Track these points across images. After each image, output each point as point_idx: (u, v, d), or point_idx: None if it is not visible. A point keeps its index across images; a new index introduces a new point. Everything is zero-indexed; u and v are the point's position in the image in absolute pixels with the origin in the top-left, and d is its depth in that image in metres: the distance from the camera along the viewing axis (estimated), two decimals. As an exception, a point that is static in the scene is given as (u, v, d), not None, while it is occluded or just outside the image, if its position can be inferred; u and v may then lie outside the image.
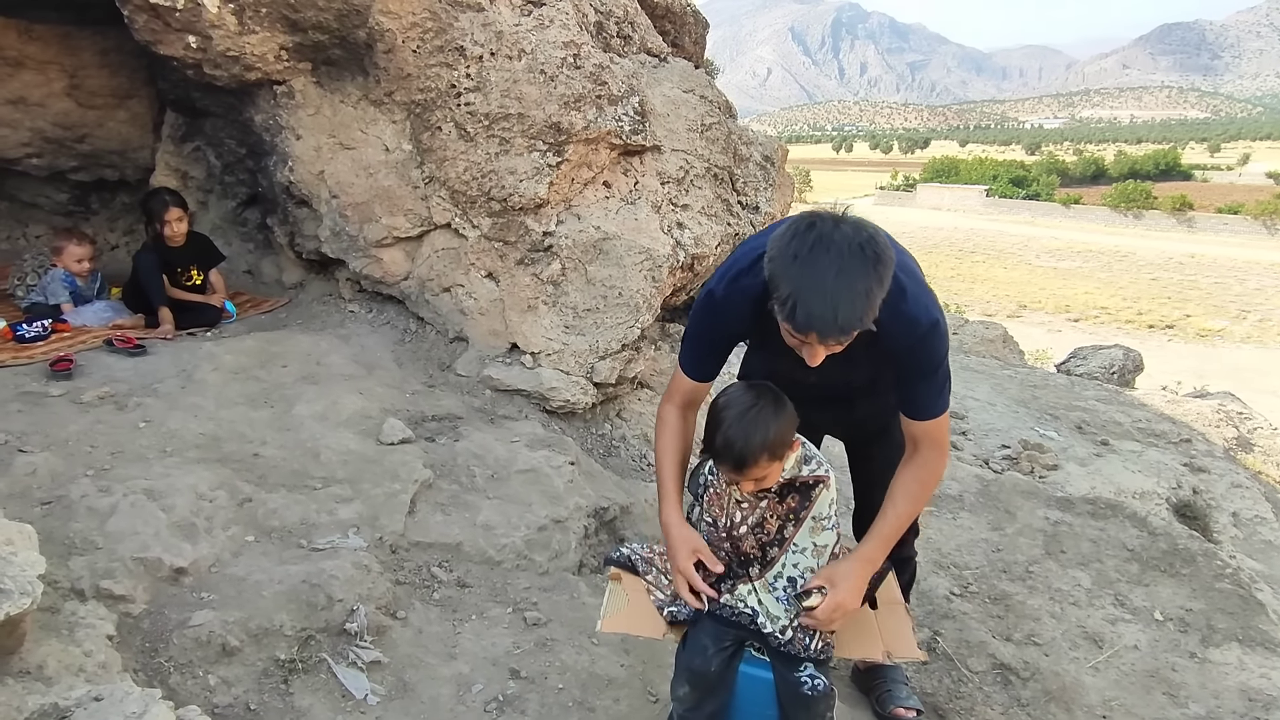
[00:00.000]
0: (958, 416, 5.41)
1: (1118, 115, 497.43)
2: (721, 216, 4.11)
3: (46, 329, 3.44)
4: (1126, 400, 6.26)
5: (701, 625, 1.67)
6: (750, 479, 1.54)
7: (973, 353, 7.91)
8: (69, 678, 1.59)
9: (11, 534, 1.61)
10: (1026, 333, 17.11)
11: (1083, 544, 3.17)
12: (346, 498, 2.58)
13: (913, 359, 1.58)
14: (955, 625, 2.62)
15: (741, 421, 1.49)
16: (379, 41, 3.47)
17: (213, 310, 3.96)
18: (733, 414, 1.50)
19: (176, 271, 3.97)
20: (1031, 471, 4.44)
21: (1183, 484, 4.59)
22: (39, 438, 2.53)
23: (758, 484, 1.55)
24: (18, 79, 4.12)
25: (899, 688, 2.16)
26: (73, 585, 1.94)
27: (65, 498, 2.22)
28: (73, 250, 3.88)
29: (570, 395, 3.43)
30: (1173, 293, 35.79)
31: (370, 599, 2.18)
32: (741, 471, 1.51)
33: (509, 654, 2.17)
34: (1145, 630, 2.64)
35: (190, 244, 4.03)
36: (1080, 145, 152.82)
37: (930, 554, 3.09)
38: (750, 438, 1.47)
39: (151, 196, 4.04)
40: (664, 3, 5.04)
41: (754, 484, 1.55)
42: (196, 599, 2.06)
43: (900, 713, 2.10)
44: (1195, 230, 52.89)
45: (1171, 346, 27.13)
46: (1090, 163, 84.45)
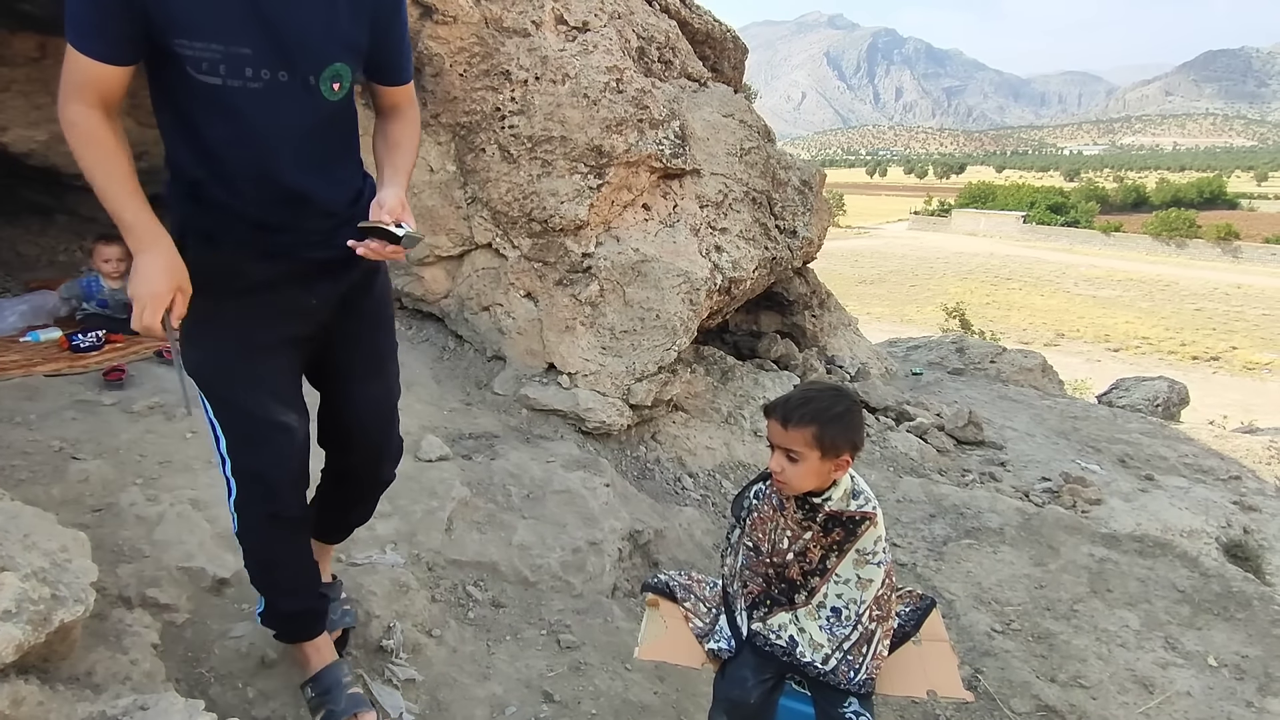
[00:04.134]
0: (995, 446, 5.31)
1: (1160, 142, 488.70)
2: (759, 240, 4.11)
3: (100, 339, 3.54)
4: (1172, 434, 6.09)
5: (741, 656, 1.65)
6: (787, 447, 1.51)
7: (1010, 381, 7.77)
8: (116, 685, 1.61)
9: (67, 541, 1.65)
10: (1065, 362, 16.77)
11: (1130, 583, 3.07)
12: (385, 513, 2.60)
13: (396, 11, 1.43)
14: (997, 664, 2.55)
15: (807, 390, 1.56)
16: (427, 65, 3.55)
17: None
18: (807, 386, 1.63)
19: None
20: (1074, 506, 4.33)
21: (1233, 523, 4.44)
22: (92, 445, 2.60)
23: (788, 470, 1.51)
24: (82, 98, 4.28)
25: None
26: (120, 593, 1.98)
27: (115, 505, 2.27)
28: (101, 250, 3.92)
29: (606, 416, 3.44)
30: (1218, 324, 34.84)
31: (407, 616, 2.19)
32: (786, 428, 1.51)
33: (542, 676, 2.16)
34: (1199, 676, 2.54)
35: None
36: (1121, 172, 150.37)
37: (970, 588, 3.02)
38: (807, 404, 1.51)
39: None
40: (704, 28, 5.10)
41: (785, 462, 1.52)
42: (238, 610, 2.08)
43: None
44: (1241, 260, 51.56)
45: (1217, 379, 26.36)
46: (1131, 190, 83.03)
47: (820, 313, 5.81)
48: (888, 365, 6.68)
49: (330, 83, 1.34)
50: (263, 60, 1.25)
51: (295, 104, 1.32)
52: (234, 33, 1.22)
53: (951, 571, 3.13)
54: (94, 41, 1.20)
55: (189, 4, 1.18)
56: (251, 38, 1.23)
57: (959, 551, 3.31)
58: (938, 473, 4.64)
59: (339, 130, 1.45)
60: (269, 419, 1.52)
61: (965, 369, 8.10)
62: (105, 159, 1.29)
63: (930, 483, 4.18)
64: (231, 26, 1.21)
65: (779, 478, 1.54)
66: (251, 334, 1.50)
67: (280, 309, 1.52)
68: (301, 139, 1.37)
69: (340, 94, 1.38)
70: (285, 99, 1.31)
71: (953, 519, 3.65)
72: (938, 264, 48.66)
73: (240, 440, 1.54)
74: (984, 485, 4.62)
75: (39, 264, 5.01)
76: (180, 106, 1.31)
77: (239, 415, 1.52)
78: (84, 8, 1.18)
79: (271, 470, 1.57)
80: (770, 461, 1.56)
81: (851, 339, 6.24)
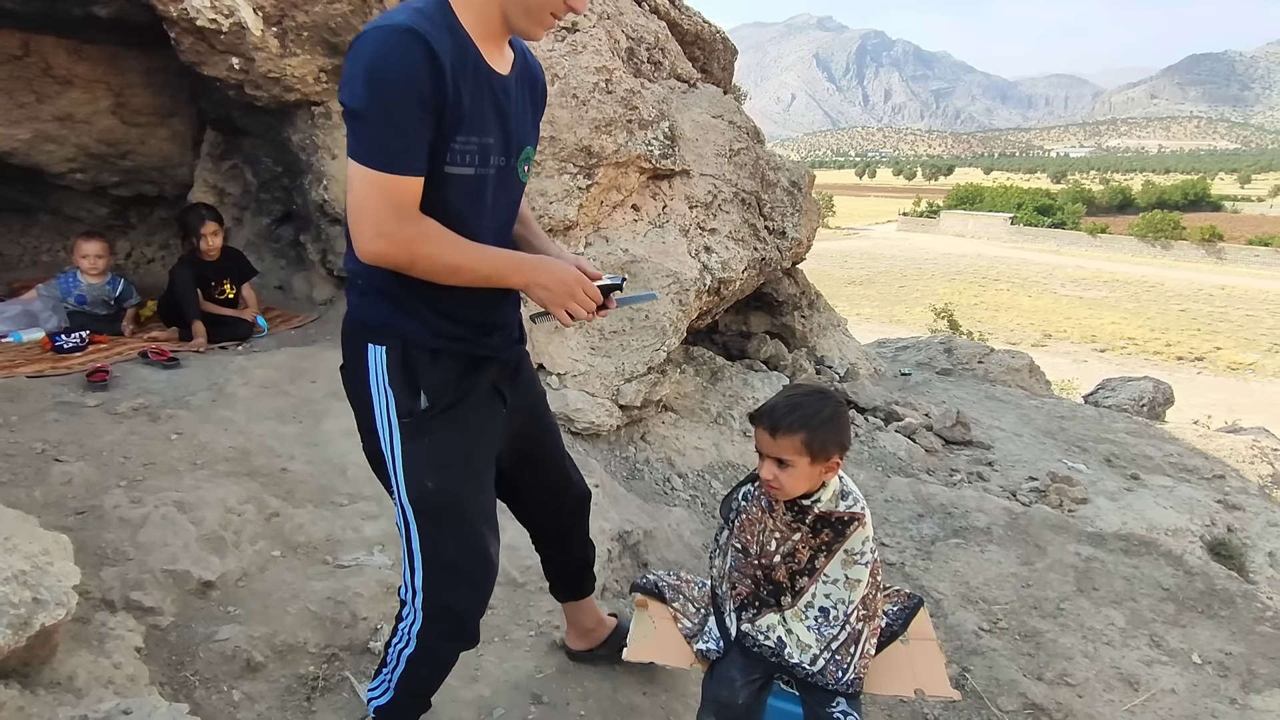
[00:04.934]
0: (983, 446, 5.34)
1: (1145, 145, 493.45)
2: (749, 241, 4.12)
3: (84, 340, 3.51)
4: (1157, 434, 6.14)
5: (730, 657, 1.65)
6: (776, 456, 1.51)
7: (998, 382, 7.82)
8: (98, 689, 1.59)
9: (48, 544, 1.63)
10: (1051, 362, 16.90)
11: (1116, 581, 3.10)
12: (372, 515, 2.59)
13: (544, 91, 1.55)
14: (985, 662, 2.56)
15: (792, 397, 1.55)
16: (415, 65, 3.53)
17: (244, 325, 4.02)
18: (791, 391, 1.58)
19: (210, 285, 4.04)
20: (1060, 505, 4.36)
21: (1217, 521, 4.48)
22: (75, 447, 2.57)
23: (779, 477, 1.51)
24: (66, 97, 4.24)
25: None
26: (103, 596, 1.96)
27: (99, 507, 2.25)
28: (80, 246, 3.89)
29: (595, 417, 3.43)
30: (1202, 325, 35.20)
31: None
32: (774, 437, 1.50)
33: (531, 678, 2.16)
34: (1183, 673, 2.56)
35: (225, 258, 4.11)
36: (1107, 174, 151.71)
37: (958, 587, 3.03)
38: (794, 411, 1.51)
39: (189, 211, 4.14)
40: (693, 30, 5.10)
41: (776, 470, 1.52)
42: (223, 613, 2.07)
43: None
44: (1225, 262, 52.13)
45: (1201, 379, 26.63)
46: (1117, 192, 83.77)
47: (809, 313, 5.83)
48: (876, 366, 6.70)
49: (524, 165, 1.46)
50: (499, 148, 1.36)
51: (502, 186, 1.41)
52: (486, 126, 1.33)
53: (939, 571, 3.15)
54: (413, 161, 1.24)
55: (469, 105, 1.28)
56: (495, 129, 1.35)
57: (947, 551, 3.32)
58: (926, 472, 4.66)
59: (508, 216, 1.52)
60: (482, 552, 1.51)
61: (953, 369, 8.14)
62: (456, 243, 1.31)
63: (918, 482, 4.19)
64: (487, 122, 1.33)
65: (772, 485, 1.55)
66: (474, 454, 1.50)
67: (490, 422, 1.53)
68: (502, 225, 1.48)
69: (525, 178, 1.50)
70: (499, 183, 1.40)
71: (941, 518, 3.66)
72: (926, 265, 48.93)
73: (445, 573, 1.50)
74: (972, 485, 4.65)
75: (21, 264, 4.96)
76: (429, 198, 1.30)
77: (453, 547, 1.49)
78: (394, 136, 1.21)
79: (469, 608, 1.55)
80: (760, 470, 1.56)
81: (840, 339, 6.27)
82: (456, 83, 1.24)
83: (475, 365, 1.47)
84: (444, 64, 1.21)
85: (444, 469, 1.45)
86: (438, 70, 1.21)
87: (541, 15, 1.31)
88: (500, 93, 1.34)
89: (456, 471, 1.46)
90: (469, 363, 1.45)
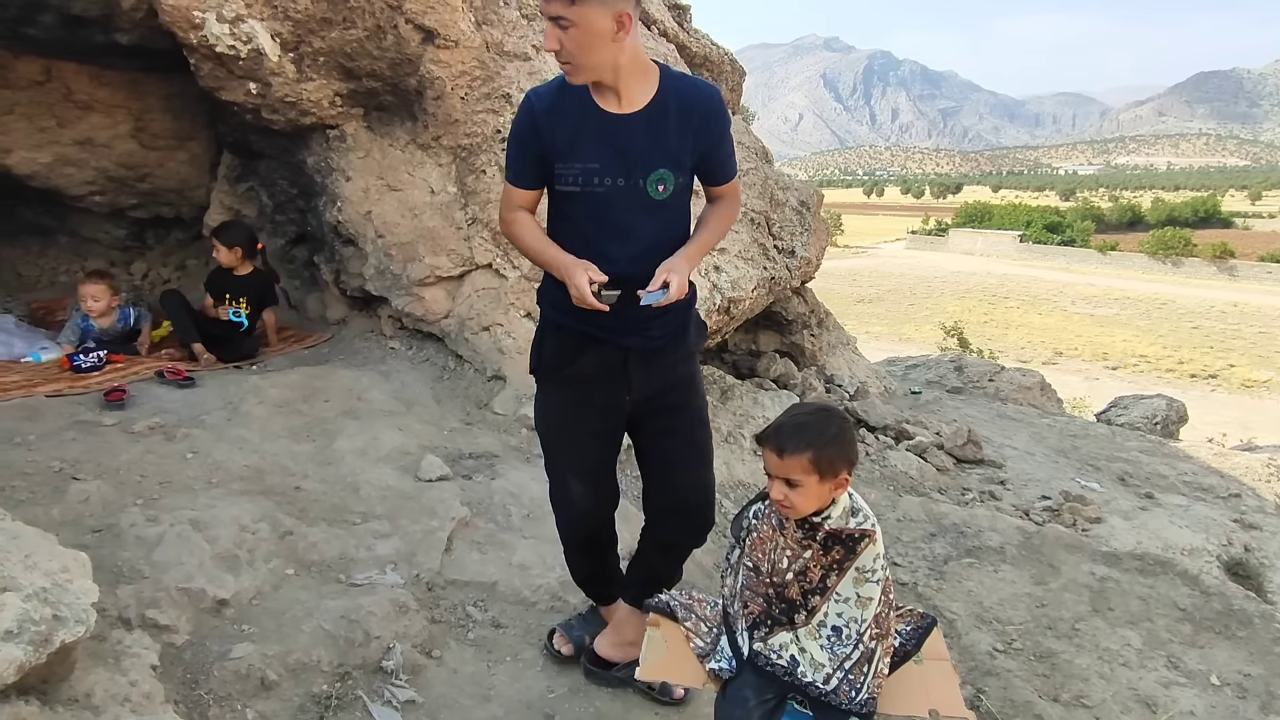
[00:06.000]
0: (995, 465, 5.31)
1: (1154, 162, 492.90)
2: (758, 261, 4.14)
3: (102, 360, 3.56)
4: (1171, 452, 6.09)
5: (743, 676, 1.65)
6: (785, 476, 1.52)
7: (1009, 400, 7.78)
8: (115, 707, 1.60)
9: (68, 561, 1.65)
10: (1063, 380, 16.80)
11: (1131, 602, 3.06)
12: (385, 533, 2.60)
13: (718, 120, 1.81)
14: (999, 683, 2.54)
15: (796, 417, 1.57)
16: (429, 89, 3.59)
17: (250, 342, 4.07)
18: (796, 411, 1.60)
19: (225, 297, 4.12)
20: (1074, 524, 4.33)
21: (1233, 541, 4.43)
22: (92, 466, 2.60)
23: (790, 496, 1.52)
24: (86, 121, 4.33)
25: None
26: (120, 613, 1.97)
27: (115, 526, 2.27)
28: (83, 290, 3.92)
29: (605, 435, 3.44)
30: (1215, 342, 34.94)
31: (406, 637, 2.18)
32: (781, 458, 1.51)
33: (542, 698, 2.15)
34: (1201, 695, 2.52)
35: (252, 279, 4.17)
36: (1116, 192, 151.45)
37: (971, 607, 3.01)
38: (800, 432, 1.52)
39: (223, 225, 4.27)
40: (702, 52, 5.17)
41: (786, 490, 1.53)
42: (237, 631, 2.08)
43: None
44: (1238, 278, 51.81)
45: (1215, 397, 26.39)
46: (1127, 209, 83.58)
47: (819, 332, 5.84)
48: (886, 384, 6.69)
49: (656, 184, 1.77)
50: (608, 171, 1.75)
51: (625, 201, 1.77)
52: (590, 154, 1.75)
53: (953, 590, 3.12)
54: (517, 177, 1.84)
55: (568, 145, 1.75)
56: (600, 156, 1.75)
57: (960, 570, 3.30)
58: (937, 491, 4.64)
59: (667, 227, 1.84)
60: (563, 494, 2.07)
61: (964, 387, 8.11)
62: (528, 231, 1.86)
63: (930, 501, 4.17)
64: (590, 151, 1.75)
65: (783, 505, 1.55)
66: (569, 414, 1.97)
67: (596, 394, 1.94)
68: (630, 231, 1.79)
69: (665, 194, 1.78)
70: (619, 198, 1.76)
71: (953, 538, 3.64)
72: (935, 283, 48.85)
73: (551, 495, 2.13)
74: (984, 504, 4.62)
75: (39, 284, 5.04)
76: (555, 208, 1.86)
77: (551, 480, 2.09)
78: (511, 158, 1.84)
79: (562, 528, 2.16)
80: (770, 490, 1.57)
81: (850, 358, 6.26)
82: (552, 126, 1.74)
83: (588, 343, 1.87)
84: (538, 116, 1.75)
85: (545, 419, 2.03)
86: (533, 121, 1.76)
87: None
88: (610, 127, 1.74)
89: (553, 423, 2.01)
90: (582, 340, 1.87)
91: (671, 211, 1.84)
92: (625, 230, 1.79)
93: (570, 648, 2.23)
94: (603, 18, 1.62)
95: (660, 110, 1.76)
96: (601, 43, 1.65)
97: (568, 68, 1.70)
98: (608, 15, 1.63)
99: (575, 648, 2.23)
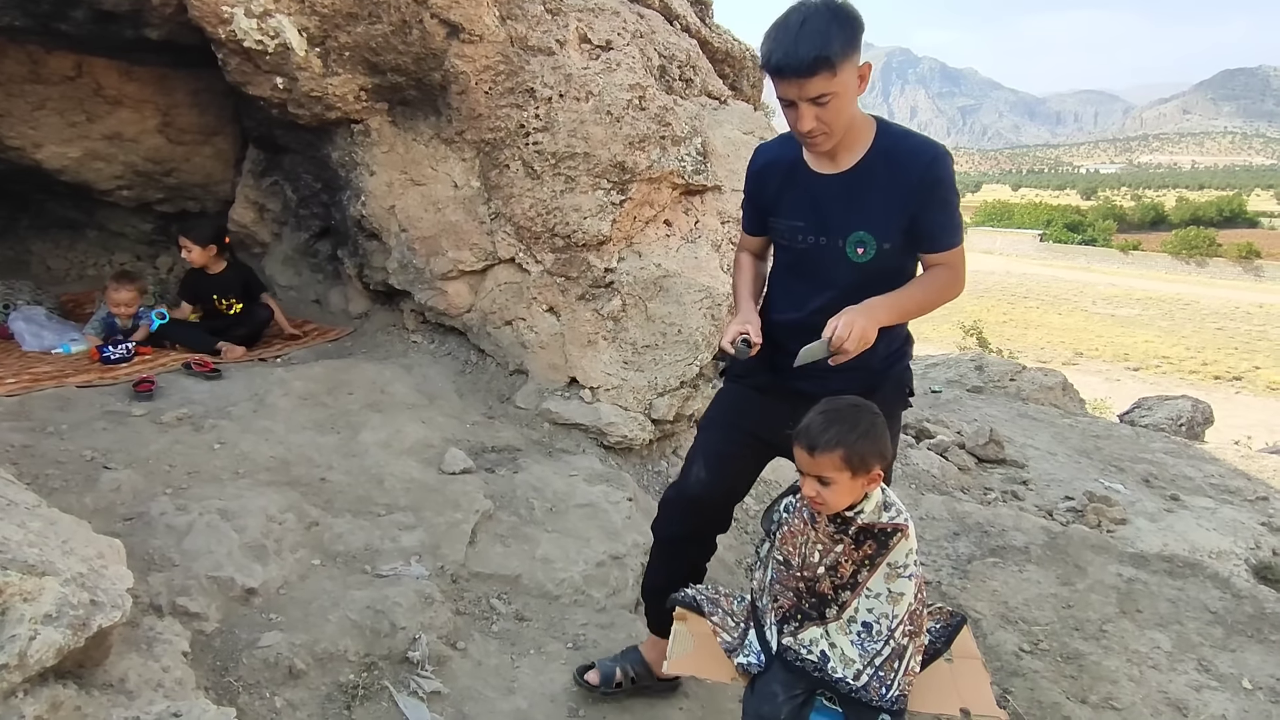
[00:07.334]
0: (1017, 465, 5.26)
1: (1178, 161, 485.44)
2: (780, 256, 4.11)
3: (130, 351, 3.60)
4: (1196, 454, 6.00)
5: (771, 672, 1.64)
6: (817, 474, 1.51)
7: (1030, 400, 7.70)
8: (148, 692, 1.62)
9: (103, 548, 1.67)
10: (1084, 381, 16.58)
11: (1160, 604, 3.02)
12: (409, 525, 2.61)
13: (935, 186, 1.71)
14: (1026, 684, 2.51)
15: (827, 413, 1.53)
16: (453, 83, 3.60)
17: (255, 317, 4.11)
18: (824, 405, 1.56)
19: (213, 299, 4.12)
20: (1099, 525, 4.28)
21: (1261, 544, 4.36)
22: (122, 455, 2.63)
23: (822, 493, 1.51)
24: (115, 116, 4.38)
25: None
26: (151, 601, 2.00)
27: (146, 514, 2.29)
28: (112, 295, 3.95)
29: (628, 431, 3.44)
30: (1240, 343, 34.37)
31: (432, 628, 2.19)
32: (813, 455, 1.50)
33: (566, 691, 2.16)
34: (1233, 699, 2.49)
35: (231, 273, 4.15)
36: (1139, 191, 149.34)
37: (996, 607, 2.98)
38: (830, 429, 1.50)
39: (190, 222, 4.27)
40: (723, 47, 5.14)
41: (818, 487, 1.52)
42: (265, 620, 2.09)
43: None
44: (1263, 279, 50.94)
45: (1240, 399, 25.97)
46: (1149, 208, 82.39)
47: (839, 329, 5.79)
48: (907, 382, 6.63)
49: (855, 246, 1.76)
50: (810, 230, 1.80)
51: (826, 259, 1.80)
52: (794, 213, 1.83)
53: (977, 590, 3.10)
54: (746, 222, 2.02)
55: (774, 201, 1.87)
56: (803, 215, 1.81)
57: (984, 570, 3.27)
58: (960, 490, 4.60)
59: (868, 288, 1.75)
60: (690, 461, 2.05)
61: (985, 387, 8.04)
62: (740, 272, 2.02)
63: (953, 500, 4.14)
64: (794, 209, 1.83)
65: (815, 502, 1.54)
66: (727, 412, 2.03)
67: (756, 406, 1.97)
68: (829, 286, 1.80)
69: (865, 257, 1.76)
70: (820, 256, 1.80)
71: (977, 537, 3.61)
72: (953, 282, 48.27)
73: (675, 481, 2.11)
74: (1007, 503, 4.57)
75: (68, 278, 5.10)
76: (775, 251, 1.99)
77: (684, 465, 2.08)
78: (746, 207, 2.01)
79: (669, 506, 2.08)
80: (803, 487, 1.56)
81: (870, 356, 6.21)
82: (764, 182, 1.88)
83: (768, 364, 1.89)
84: (759, 170, 1.89)
85: (710, 407, 2.11)
86: (756, 174, 1.91)
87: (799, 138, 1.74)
88: (815, 188, 1.78)
89: (711, 409, 2.08)
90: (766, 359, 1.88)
91: (876, 273, 1.76)
92: (824, 285, 1.81)
93: (598, 678, 2.14)
94: (853, 76, 1.61)
95: (866, 172, 1.73)
96: (853, 104, 1.65)
97: (822, 139, 1.67)
98: (854, 72, 1.61)
99: (604, 679, 2.13)
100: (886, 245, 1.74)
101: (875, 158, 1.73)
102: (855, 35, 1.59)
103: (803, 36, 1.55)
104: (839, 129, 1.66)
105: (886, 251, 1.74)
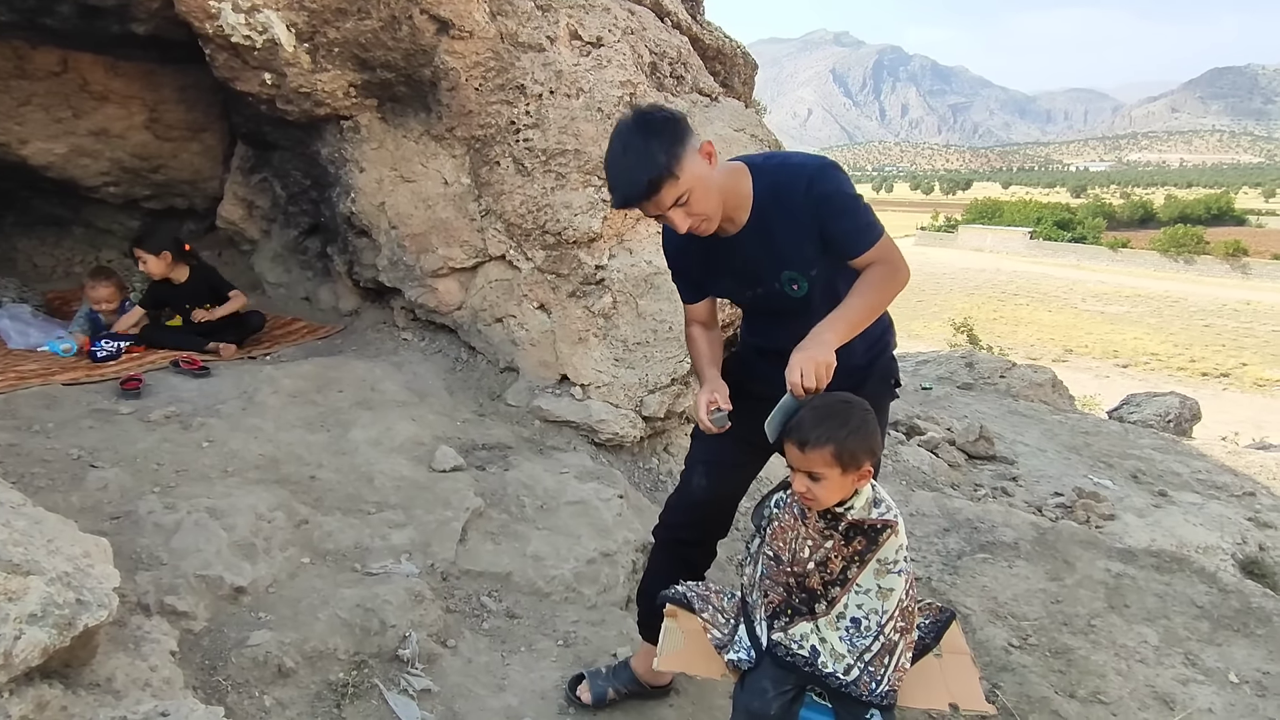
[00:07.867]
0: (1007, 461, 5.29)
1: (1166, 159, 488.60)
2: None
3: (119, 350, 3.57)
4: (1184, 450, 6.05)
5: (761, 667, 1.64)
6: (807, 470, 1.52)
7: (1020, 396, 7.74)
8: (136, 692, 1.61)
9: (89, 547, 1.66)
10: (1073, 378, 16.67)
11: (1148, 599, 3.04)
12: (399, 523, 2.60)
13: (823, 202, 1.70)
14: (1015, 678, 2.53)
15: (818, 410, 1.54)
16: (443, 80, 3.59)
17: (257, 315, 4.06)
18: (816, 402, 1.56)
19: (185, 308, 3.98)
20: (1087, 521, 4.31)
21: (1248, 539, 4.40)
22: (109, 454, 2.61)
23: (812, 489, 1.52)
24: (101, 112, 4.34)
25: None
26: (139, 600, 1.98)
27: (133, 513, 2.28)
28: (91, 291, 3.91)
29: (619, 428, 3.44)
30: (1227, 340, 34.65)
31: (422, 626, 2.19)
32: (804, 451, 1.51)
33: (557, 688, 2.15)
34: (1220, 693, 2.51)
35: (196, 280, 4.00)
36: (1127, 189, 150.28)
37: (986, 603, 3.00)
38: (819, 423, 1.51)
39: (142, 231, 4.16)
40: (715, 45, 5.14)
41: (808, 483, 1.52)
42: (254, 619, 2.08)
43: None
44: (1251, 276, 51.33)
45: (1227, 395, 26.19)
46: (1138, 206, 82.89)
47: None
48: (898, 379, 6.65)
49: (789, 284, 1.81)
50: (745, 285, 1.87)
51: (773, 301, 1.85)
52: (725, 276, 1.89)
53: (967, 586, 3.11)
54: (683, 294, 2.00)
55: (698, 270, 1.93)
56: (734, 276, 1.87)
57: (974, 565, 3.29)
58: (950, 487, 4.62)
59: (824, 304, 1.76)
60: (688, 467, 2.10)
61: (975, 384, 8.07)
62: (693, 345, 2.00)
63: (943, 496, 4.16)
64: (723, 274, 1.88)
65: (805, 498, 1.55)
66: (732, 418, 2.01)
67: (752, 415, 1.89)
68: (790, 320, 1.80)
69: (802, 290, 1.81)
70: (766, 300, 1.86)
71: (966, 533, 3.63)
72: (944, 279, 48.59)
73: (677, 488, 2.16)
74: (996, 499, 4.60)
75: (55, 275, 5.06)
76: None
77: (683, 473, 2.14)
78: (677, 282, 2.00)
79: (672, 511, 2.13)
80: (793, 483, 1.56)
81: (861, 353, 6.23)
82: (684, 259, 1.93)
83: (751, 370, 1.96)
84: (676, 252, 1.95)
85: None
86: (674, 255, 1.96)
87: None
88: (730, 251, 1.82)
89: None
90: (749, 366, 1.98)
91: (823, 293, 1.80)
92: (783, 316, 1.85)
93: (590, 697, 2.10)
94: (697, 164, 1.63)
95: (763, 217, 1.76)
96: (714, 182, 1.67)
97: (705, 225, 1.71)
98: (697, 161, 1.63)
99: (596, 700, 2.09)
100: (814, 272, 1.78)
101: (764, 199, 1.75)
102: (677, 135, 1.60)
103: (630, 166, 1.59)
104: (715, 210, 1.69)
105: (818, 275, 1.79)
